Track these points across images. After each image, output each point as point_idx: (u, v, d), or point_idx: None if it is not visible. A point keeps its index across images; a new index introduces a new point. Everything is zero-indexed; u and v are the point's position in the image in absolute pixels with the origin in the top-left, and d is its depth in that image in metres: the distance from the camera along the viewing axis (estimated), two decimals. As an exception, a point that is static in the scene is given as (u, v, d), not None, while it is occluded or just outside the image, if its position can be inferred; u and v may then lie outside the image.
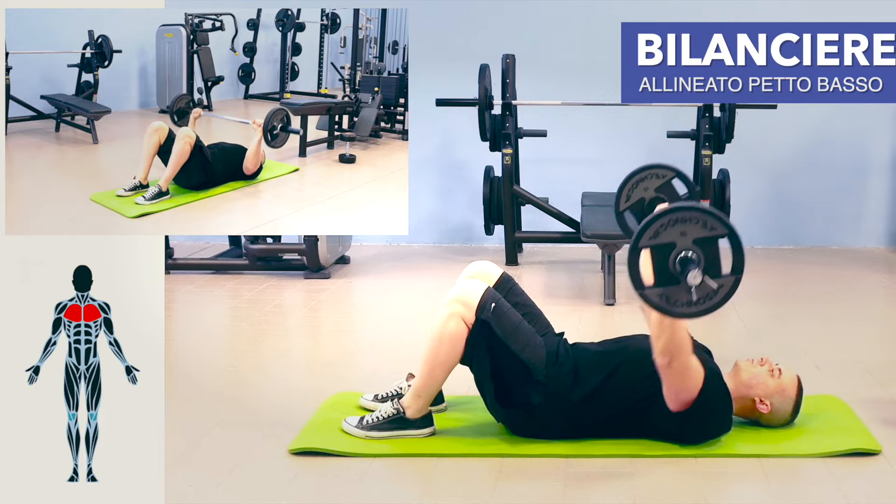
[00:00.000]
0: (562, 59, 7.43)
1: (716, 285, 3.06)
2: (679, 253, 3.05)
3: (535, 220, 7.18)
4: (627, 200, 4.11)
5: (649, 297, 3.08)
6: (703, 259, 3.05)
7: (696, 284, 3.03)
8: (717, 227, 3.05)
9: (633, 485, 3.19)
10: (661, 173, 4.07)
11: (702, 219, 3.05)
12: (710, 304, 3.07)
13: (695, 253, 3.05)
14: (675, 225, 3.05)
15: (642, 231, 3.06)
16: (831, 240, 7.52)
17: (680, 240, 3.05)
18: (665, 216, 3.05)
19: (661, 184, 4.06)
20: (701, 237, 3.05)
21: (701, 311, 3.08)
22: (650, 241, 3.06)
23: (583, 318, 5.33)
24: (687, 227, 3.05)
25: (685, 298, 3.06)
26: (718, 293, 3.07)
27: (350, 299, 6.06)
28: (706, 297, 3.07)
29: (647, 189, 4.08)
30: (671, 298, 3.06)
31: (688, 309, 3.08)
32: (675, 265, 3.05)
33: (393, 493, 3.23)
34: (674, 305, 3.07)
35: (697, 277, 3.02)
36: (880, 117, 7.40)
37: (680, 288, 3.05)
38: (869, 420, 3.70)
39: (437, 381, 3.52)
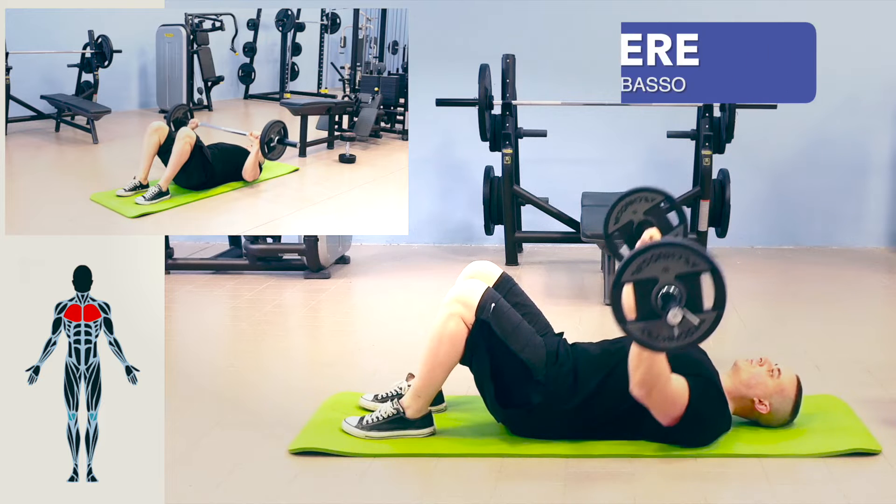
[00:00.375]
0: (562, 59, 7.43)
1: (697, 321, 3.11)
2: (661, 288, 3.10)
3: (535, 220, 7.18)
4: (616, 223, 4.18)
5: (632, 331, 3.14)
6: (684, 294, 3.10)
7: (677, 323, 3.08)
8: (699, 264, 3.10)
9: (633, 485, 3.19)
10: (650, 197, 4.15)
11: (684, 255, 3.10)
12: (692, 338, 3.13)
13: (677, 288, 3.10)
14: (657, 260, 3.10)
15: (625, 266, 3.11)
16: (831, 240, 7.52)
17: (662, 275, 3.10)
18: (648, 252, 3.11)
19: (650, 207, 4.11)
20: (683, 273, 3.10)
21: (682, 345, 3.14)
22: (633, 276, 3.11)
23: (583, 318, 5.33)
24: (669, 262, 3.10)
25: (667, 333, 3.12)
26: (700, 328, 3.12)
27: (350, 299, 6.06)
28: (688, 333, 3.12)
29: (636, 212, 4.15)
30: (653, 333, 3.12)
31: (669, 343, 3.14)
32: (658, 300, 3.10)
33: (393, 493, 3.23)
34: (655, 339, 3.13)
35: (678, 316, 3.08)
36: (880, 117, 7.40)
37: (661, 323, 3.10)
38: (869, 420, 3.70)
39: (436, 381, 3.52)
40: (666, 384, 3.30)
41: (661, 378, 3.28)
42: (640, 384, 3.29)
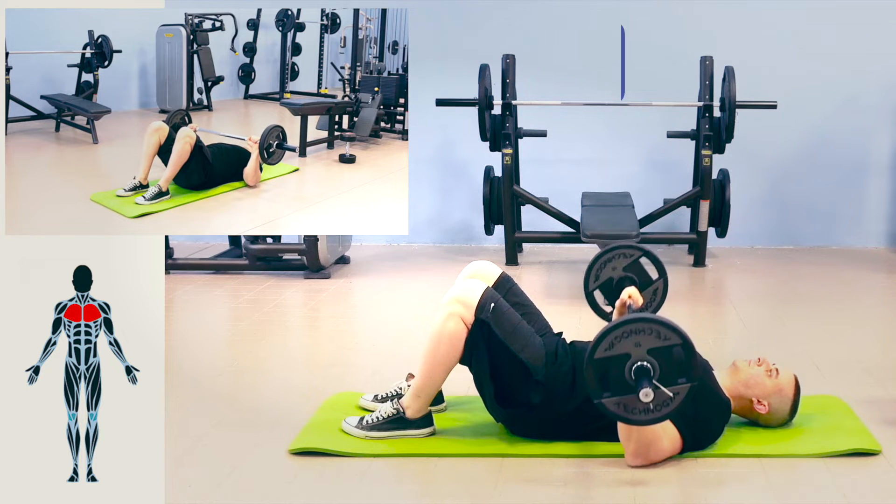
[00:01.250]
0: (562, 59, 7.43)
1: (671, 393, 3.14)
2: (634, 363, 3.14)
3: (535, 220, 7.18)
4: (596, 280, 4.21)
5: (607, 406, 3.17)
6: (657, 369, 3.14)
7: (650, 401, 3.12)
8: (670, 337, 3.14)
9: (634, 485, 3.19)
10: (628, 252, 4.19)
11: (655, 329, 3.14)
12: (668, 410, 3.16)
13: (649, 363, 3.13)
14: (629, 336, 3.14)
15: (598, 343, 3.15)
16: (831, 240, 7.52)
17: (634, 350, 3.14)
18: (619, 328, 3.14)
19: (629, 263, 4.14)
20: (655, 347, 3.14)
21: (659, 417, 3.17)
22: (605, 352, 3.15)
23: (583, 318, 5.33)
24: (641, 337, 3.14)
25: (642, 406, 3.15)
26: (675, 400, 3.16)
27: (350, 299, 6.06)
28: (662, 405, 3.15)
29: (616, 268, 4.18)
30: (629, 407, 3.16)
31: (644, 416, 3.17)
32: (631, 375, 3.14)
33: (393, 493, 3.23)
34: (631, 413, 3.17)
35: (649, 395, 3.11)
36: (880, 117, 7.40)
37: (636, 398, 3.13)
38: (869, 420, 3.70)
39: (436, 381, 3.52)
40: (659, 444, 3.31)
41: (653, 444, 3.30)
42: (634, 455, 3.30)
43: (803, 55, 7.34)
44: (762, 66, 7.21)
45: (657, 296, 4.15)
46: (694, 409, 3.32)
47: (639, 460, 3.31)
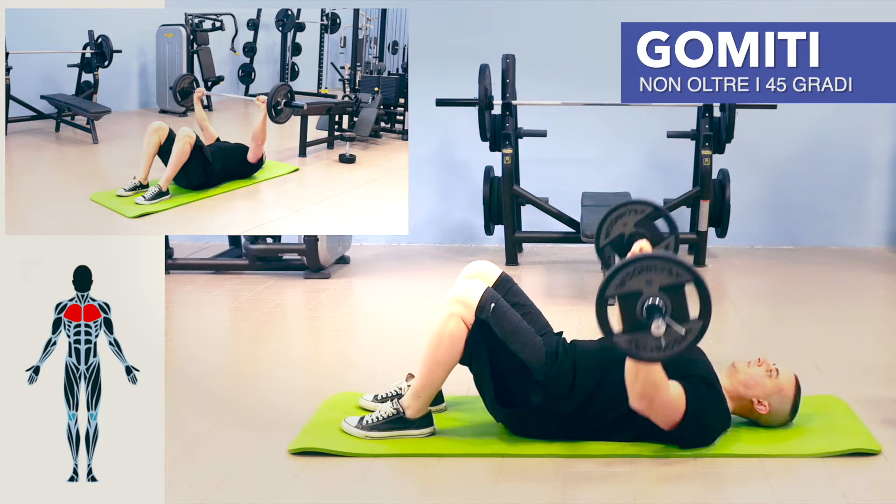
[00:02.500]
0: (562, 59, 7.43)
1: (683, 330, 3.15)
2: (646, 300, 3.14)
3: (535, 220, 7.18)
4: (608, 236, 4.19)
5: (619, 343, 3.17)
6: (669, 306, 3.14)
7: (661, 334, 3.11)
8: (682, 275, 3.15)
9: (633, 485, 3.19)
10: (639, 209, 4.16)
11: (667, 267, 3.14)
12: (679, 348, 3.17)
13: (661, 300, 3.13)
14: (640, 273, 3.15)
15: (609, 280, 3.16)
16: (831, 240, 7.52)
17: (646, 288, 3.14)
18: (630, 265, 3.15)
19: (640, 219, 4.13)
20: (667, 284, 3.14)
21: (669, 355, 3.17)
22: (617, 289, 3.15)
23: (583, 318, 5.33)
24: (652, 275, 3.15)
25: (654, 344, 3.15)
26: (686, 337, 3.16)
27: (350, 299, 6.06)
28: (674, 342, 3.16)
29: (627, 224, 4.15)
30: (640, 344, 3.16)
31: (656, 353, 3.17)
32: (642, 312, 3.14)
33: (393, 493, 3.23)
34: (642, 350, 3.17)
35: (661, 327, 3.12)
36: (880, 117, 7.40)
37: (648, 334, 3.13)
38: (869, 420, 3.70)
39: (436, 381, 3.52)
40: (665, 394, 3.31)
41: (659, 388, 3.29)
42: (639, 397, 3.30)
43: (803, 55, 7.33)
44: (762, 66, 7.20)
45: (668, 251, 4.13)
46: (701, 398, 3.34)
47: (643, 402, 3.30)
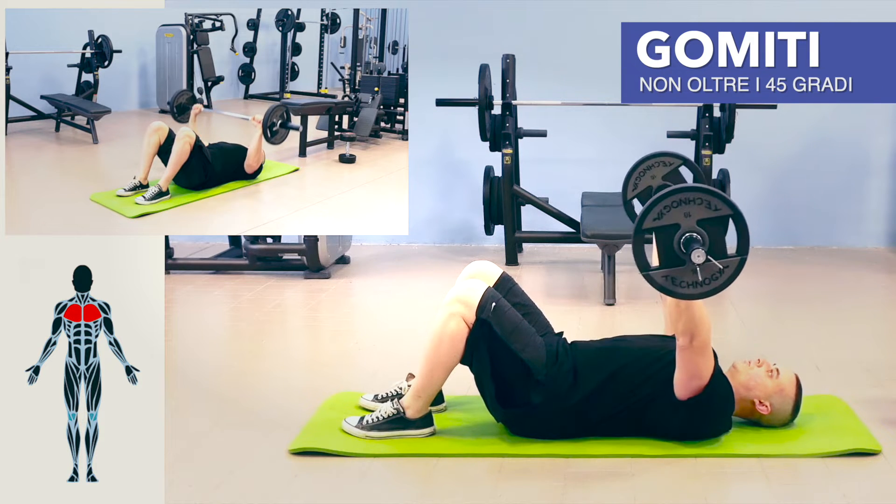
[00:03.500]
0: (562, 59, 7.43)
1: (721, 266, 3.05)
2: (683, 234, 3.05)
3: (535, 220, 7.17)
4: (635, 189, 4.11)
5: (654, 278, 3.07)
6: (707, 240, 3.05)
7: (701, 264, 3.02)
8: (721, 208, 3.05)
9: (633, 485, 3.19)
10: (667, 161, 4.06)
11: (706, 199, 3.05)
12: (716, 284, 3.06)
13: (699, 234, 3.04)
14: (678, 206, 3.05)
15: (646, 212, 3.06)
16: (831, 240, 7.52)
17: (684, 221, 3.05)
18: (668, 197, 3.05)
19: (668, 171, 4.04)
20: (705, 218, 3.05)
21: (706, 291, 3.07)
22: (654, 222, 3.06)
23: (583, 318, 5.33)
24: (691, 208, 3.05)
25: (690, 279, 3.05)
26: (724, 273, 3.06)
27: (350, 299, 6.06)
28: (711, 278, 3.06)
29: (655, 177, 4.07)
30: (676, 279, 3.06)
31: (693, 290, 3.07)
32: (680, 246, 3.05)
33: (393, 493, 3.23)
34: (679, 286, 3.07)
35: (701, 256, 3.01)
36: (880, 117, 7.40)
37: (685, 269, 3.04)
38: (869, 420, 3.70)
39: (437, 381, 3.52)
40: (707, 334, 3.25)
41: (702, 324, 3.23)
42: (683, 331, 3.23)
43: (803, 55, 7.34)
44: (762, 66, 7.21)
45: None
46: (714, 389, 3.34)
47: (687, 337, 3.24)
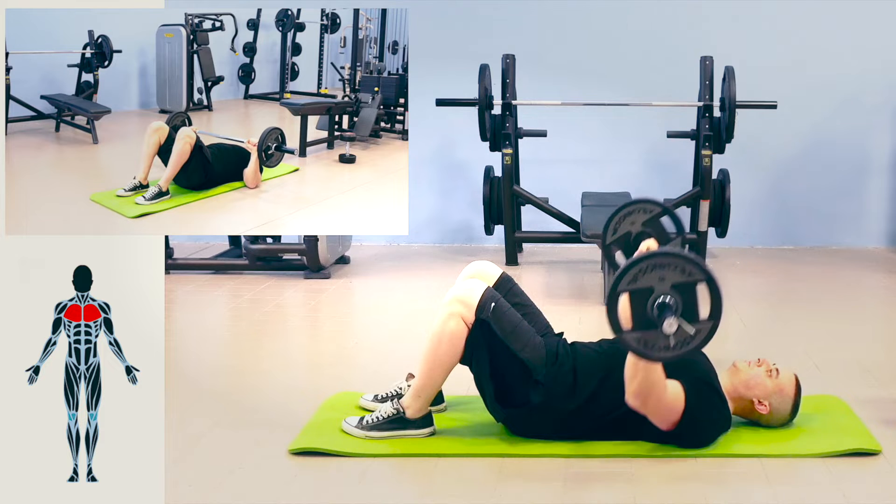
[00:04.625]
0: (562, 59, 7.43)
1: (693, 330, 3.11)
2: (657, 298, 3.10)
3: (535, 220, 7.18)
4: (615, 234, 4.17)
5: (627, 341, 3.14)
6: (680, 304, 3.10)
7: (672, 332, 3.08)
8: (695, 273, 3.10)
9: (633, 485, 3.19)
10: (648, 208, 4.14)
11: (680, 264, 3.10)
12: (688, 348, 3.13)
13: (672, 298, 3.09)
14: (653, 270, 3.10)
15: (621, 276, 3.11)
16: (831, 240, 7.52)
17: (658, 285, 3.10)
18: (644, 261, 3.11)
19: (649, 218, 4.11)
20: (679, 282, 3.10)
21: (678, 354, 3.14)
22: (629, 285, 3.11)
23: (583, 318, 5.33)
24: (665, 272, 3.10)
25: (663, 343, 3.12)
26: (696, 338, 3.13)
27: (350, 299, 6.06)
28: (683, 342, 3.12)
29: (634, 223, 4.14)
30: (649, 342, 3.12)
31: (665, 353, 3.14)
32: (653, 310, 3.10)
33: (393, 493, 3.23)
34: (651, 349, 3.13)
35: (673, 325, 3.08)
36: (880, 117, 7.40)
37: (658, 332, 3.10)
38: (869, 420, 3.70)
39: (436, 380, 3.52)
40: (662, 393, 3.30)
41: (656, 387, 3.29)
42: (635, 394, 3.30)
43: (803, 55, 7.34)
44: (762, 66, 7.21)
45: None
46: (701, 397, 3.34)
47: (639, 400, 3.29)
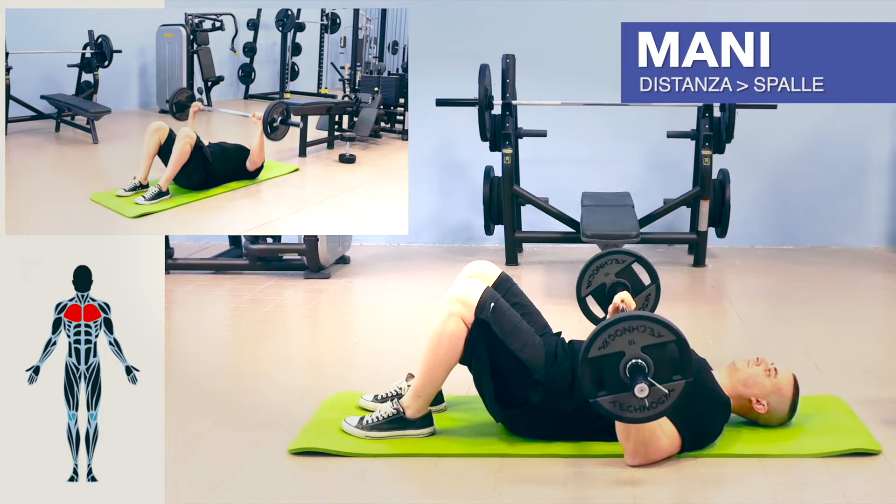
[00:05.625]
0: (562, 59, 7.43)
1: (666, 390, 3.14)
2: (628, 361, 3.14)
3: (535, 220, 7.18)
4: (589, 286, 4.23)
5: (602, 404, 3.17)
6: (651, 366, 3.13)
7: (645, 396, 3.11)
8: (664, 334, 3.14)
9: (633, 485, 3.19)
10: (620, 258, 4.19)
11: (648, 327, 3.14)
12: (663, 407, 3.16)
13: (643, 360, 3.13)
14: (622, 334, 3.14)
15: (591, 341, 3.15)
16: (831, 240, 7.52)
17: (628, 348, 3.14)
18: (612, 326, 3.14)
19: (621, 269, 4.15)
20: (649, 344, 3.14)
21: (654, 415, 3.17)
22: (599, 351, 3.15)
23: (582, 319, 5.32)
24: (634, 335, 3.14)
25: (637, 404, 3.14)
26: (670, 397, 3.15)
27: (350, 299, 6.06)
28: (658, 402, 3.15)
29: (608, 274, 4.20)
30: (624, 404, 3.16)
31: (640, 414, 3.16)
32: (626, 373, 3.14)
33: (393, 493, 3.23)
34: (626, 411, 3.16)
35: (644, 390, 3.10)
36: (880, 117, 7.40)
37: (631, 395, 3.13)
38: (869, 420, 3.70)
39: (436, 381, 3.52)
40: (658, 443, 3.31)
41: (651, 442, 3.29)
42: (633, 455, 3.31)
43: (803, 55, 7.34)
44: (762, 66, 7.21)
45: (650, 301, 4.17)
46: (692, 408, 3.32)
47: (637, 459, 3.30)
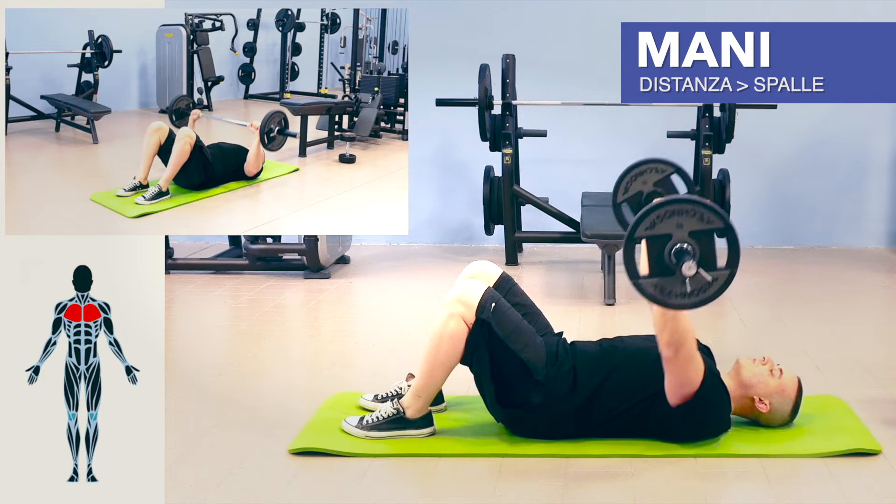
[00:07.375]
0: (562, 59, 7.43)
1: (710, 278, 3.07)
2: (675, 244, 3.07)
3: (535, 220, 7.18)
4: (626, 192, 4.13)
5: (644, 286, 3.10)
6: (698, 251, 3.07)
7: (691, 276, 3.04)
8: (713, 221, 3.07)
9: (633, 485, 3.19)
10: (660, 168, 4.07)
11: (698, 212, 3.07)
12: (705, 296, 3.08)
13: (690, 245, 3.06)
14: (671, 217, 3.07)
15: (639, 221, 3.08)
16: (831, 240, 7.52)
17: (676, 231, 3.07)
18: (662, 207, 3.07)
19: (660, 178, 4.06)
20: (697, 230, 3.07)
21: (695, 302, 3.09)
22: (646, 231, 3.08)
23: (583, 318, 5.33)
24: (683, 219, 3.07)
25: (679, 289, 3.07)
26: (713, 286, 3.08)
27: (350, 299, 6.06)
28: (700, 290, 3.08)
29: (646, 183, 4.08)
30: (665, 289, 3.08)
31: (682, 300, 3.09)
32: (671, 256, 3.07)
33: (393, 493, 3.23)
34: (668, 296, 3.09)
35: (692, 268, 3.03)
36: (880, 117, 7.40)
37: (674, 279, 3.06)
38: (869, 420, 3.70)
39: (437, 381, 3.52)
40: (693, 346, 3.28)
41: (687, 336, 3.26)
42: (668, 343, 3.26)
43: (803, 55, 7.34)
44: (762, 66, 7.21)
45: None
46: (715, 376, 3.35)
47: (670, 350, 3.27)
